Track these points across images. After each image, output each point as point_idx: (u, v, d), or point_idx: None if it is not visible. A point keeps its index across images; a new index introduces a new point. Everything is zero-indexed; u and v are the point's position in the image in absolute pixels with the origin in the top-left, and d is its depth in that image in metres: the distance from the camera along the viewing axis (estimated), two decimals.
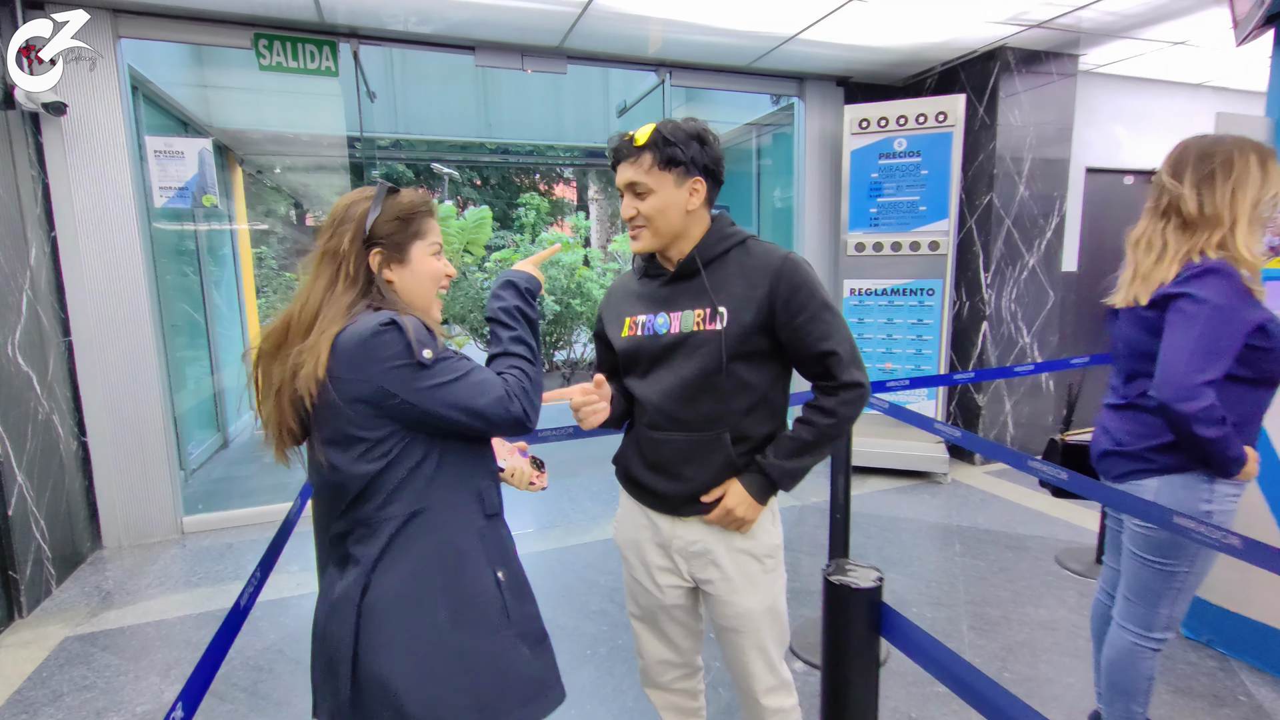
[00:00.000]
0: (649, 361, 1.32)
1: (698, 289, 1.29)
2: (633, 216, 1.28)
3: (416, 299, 1.11)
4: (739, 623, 1.32)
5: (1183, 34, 3.86)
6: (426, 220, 1.11)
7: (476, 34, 3.56)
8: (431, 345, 0.99)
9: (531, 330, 1.15)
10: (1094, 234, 4.82)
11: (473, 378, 1.02)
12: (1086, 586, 2.77)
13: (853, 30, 3.61)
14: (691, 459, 1.29)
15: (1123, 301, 1.65)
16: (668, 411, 1.29)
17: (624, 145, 1.26)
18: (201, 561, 3.20)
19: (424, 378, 0.97)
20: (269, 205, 8.68)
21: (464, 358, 1.04)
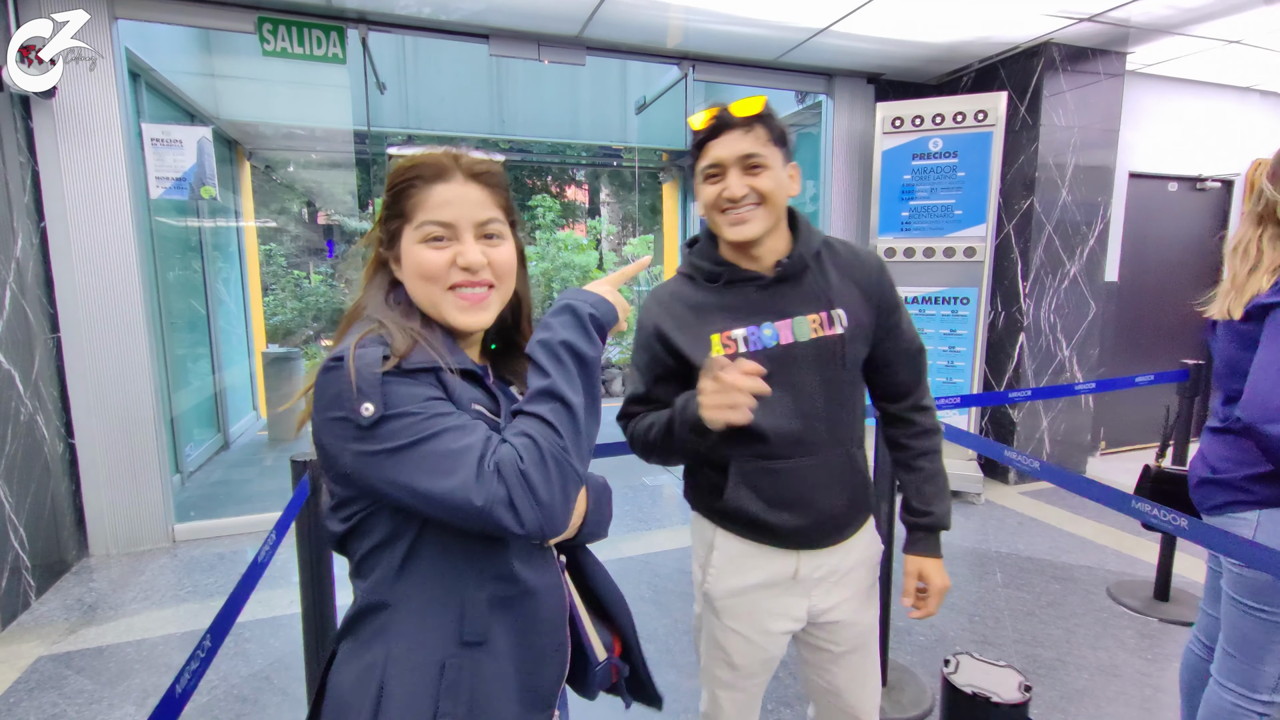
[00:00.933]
0: None
1: (810, 291, 1.13)
2: (743, 196, 1.08)
3: (421, 305, 0.81)
4: (860, 639, 1.24)
5: (1238, 31, 3.63)
6: (415, 193, 0.79)
7: (491, 21, 3.38)
8: (376, 396, 0.68)
9: (584, 376, 0.76)
10: (1135, 242, 4.58)
11: (435, 445, 0.68)
12: (1146, 626, 2.53)
13: (888, 23, 3.40)
14: (825, 484, 1.15)
15: (1218, 313, 1.48)
16: (792, 435, 1.12)
17: (729, 115, 1.08)
18: (191, 573, 3.02)
19: (363, 440, 0.69)
20: (281, 202, 8.57)
21: (440, 413, 0.70)
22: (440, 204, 0.79)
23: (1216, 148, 4.68)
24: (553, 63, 3.68)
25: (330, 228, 9.70)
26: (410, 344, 0.74)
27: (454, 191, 0.79)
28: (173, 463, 3.92)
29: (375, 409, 0.67)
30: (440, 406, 0.71)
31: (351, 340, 0.73)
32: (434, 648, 0.75)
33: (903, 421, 1.23)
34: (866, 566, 1.24)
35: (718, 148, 1.08)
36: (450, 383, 0.75)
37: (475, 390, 0.80)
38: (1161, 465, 1.78)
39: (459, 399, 0.75)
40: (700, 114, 1.11)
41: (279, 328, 7.11)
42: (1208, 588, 1.63)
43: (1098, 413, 4.48)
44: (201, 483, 4.27)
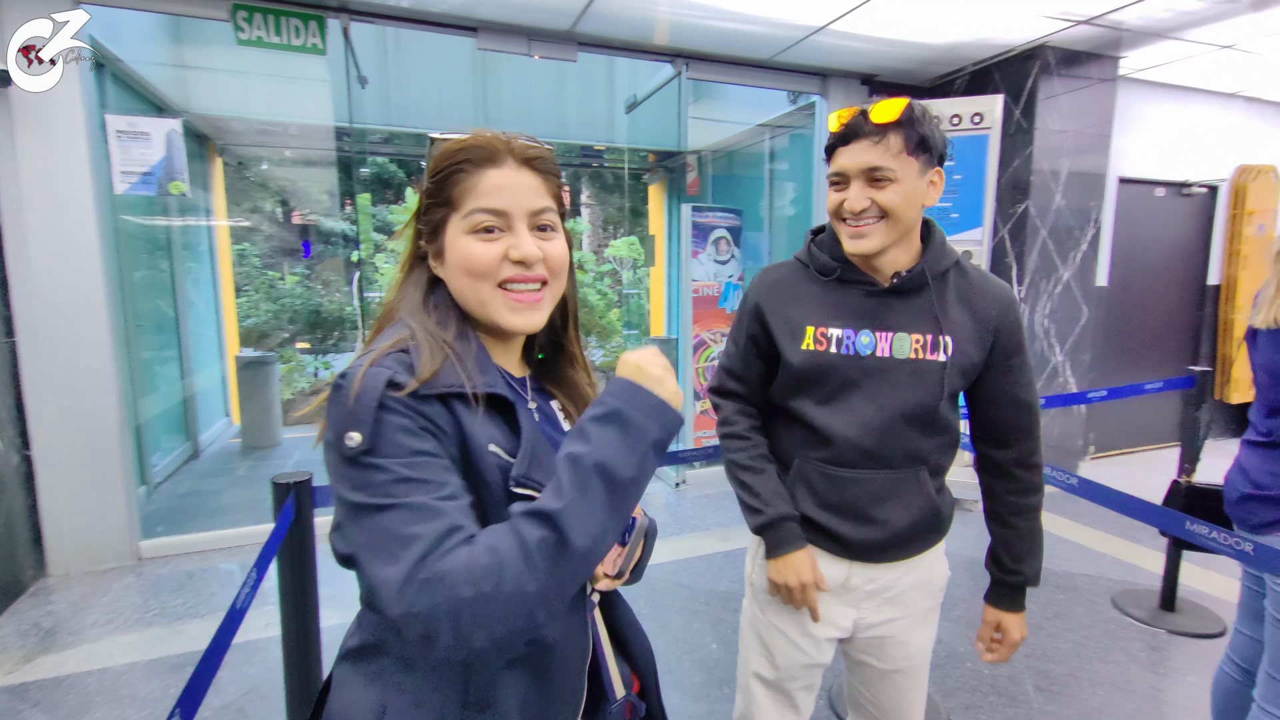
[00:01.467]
0: (841, 386, 1.10)
1: (922, 309, 1.08)
2: (863, 210, 1.03)
3: (467, 305, 0.73)
4: (909, 662, 1.20)
5: (1231, 36, 3.64)
6: (463, 178, 0.70)
7: (480, 13, 3.25)
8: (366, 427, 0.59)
9: (610, 506, 0.61)
10: (1124, 247, 4.59)
11: (385, 520, 0.57)
12: (1155, 638, 2.48)
13: (886, 22, 3.34)
14: (888, 500, 1.11)
15: (1264, 322, 1.42)
16: (864, 446, 1.09)
17: (863, 121, 1.02)
18: (158, 594, 2.84)
19: (343, 473, 0.60)
20: (253, 200, 8.31)
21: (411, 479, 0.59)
22: (492, 190, 0.70)
23: (1202, 154, 4.72)
24: (543, 58, 3.56)
25: (306, 227, 9.45)
26: (438, 364, 0.65)
27: (506, 177, 0.70)
28: (138, 473, 3.72)
29: (361, 441, 0.59)
30: (420, 469, 0.60)
31: (376, 351, 0.65)
32: (433, 708, 0.67)
33: (1002, 473, 1.16)
34: (926, 590, 1.19)
35: (844, 156, 1.05)
36: (466, 417, 0.65)
37: (496, 426, 0.69)
38: (1192, 480, 1.71)
39: (472, 437, 0.65)
40: (838, 113, 1.05)
41: (252, 330, 6.86)
42: (1244, 606, 1.57)
43: (1088, 418, 4.48)
44: (169, 494, 4.06)
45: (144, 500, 3.78)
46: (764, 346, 1.16)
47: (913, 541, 1.14)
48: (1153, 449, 4.99)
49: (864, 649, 1.21)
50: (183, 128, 3.20)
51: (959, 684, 2.20)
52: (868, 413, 1.07)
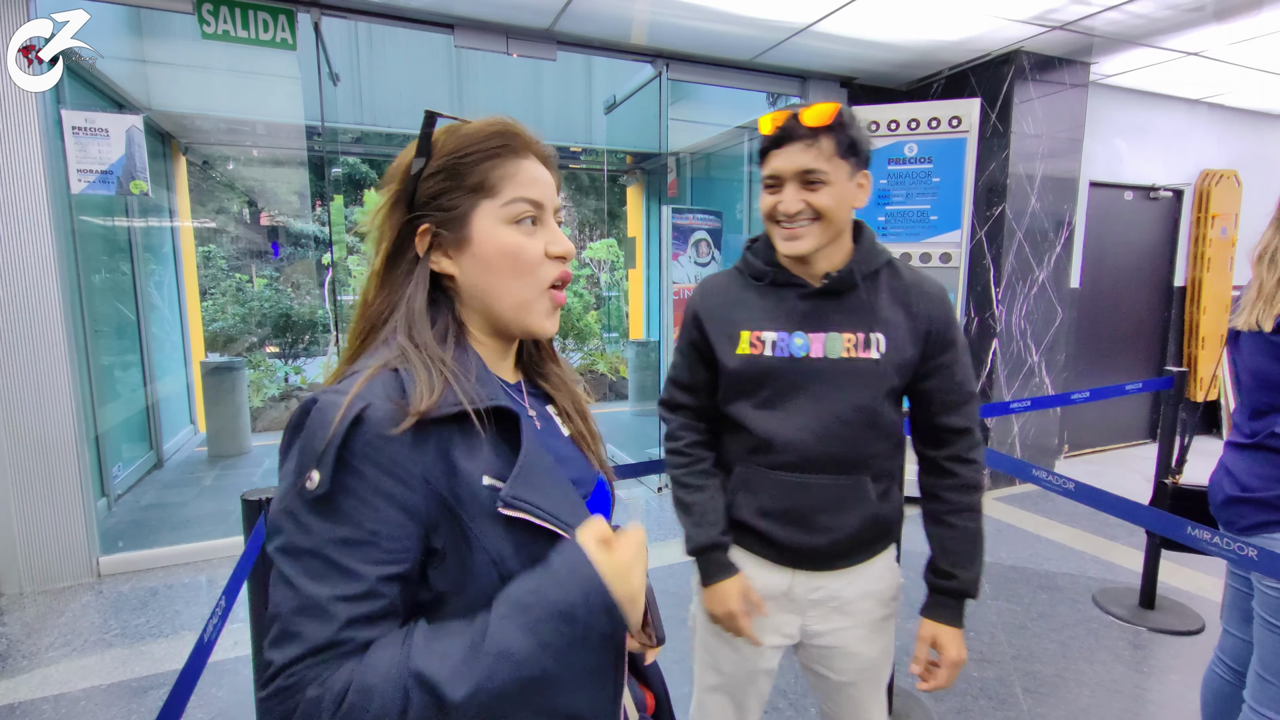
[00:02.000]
0: (780, 389, 1.09)
1: (854, 309, 1.08)
2: (797, 212, 1.03)
3: (497, 307, 0.66)
4: (863, 675, 1.18)
5: (1198, 44, 3.73)
6: (500, 164, 0.64)
7: (457, 9, 3.18)
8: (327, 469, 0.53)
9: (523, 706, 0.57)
10: (1095, 250, 4.68)
11: (309, 585, 0.53)
12: (1137, 636, 2.51)
13: (866, 25, 3.35)
14: (830, 506, 1.10)
15: (1245, 324, 1.42)
16: (806, 451, 1.08)
17: (796, 125, 1.02)
18: (119, 613, 2.70)
19: (291, 506, 0.54)
20: (219, 201, 8.07)
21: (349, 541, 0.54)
22: (530, 181, 0.66)
23: (1168, 158, 4.83)
24: (522, 57, 3.50)
25: (275, 229, 9.21)
26: (437, 393, 0.58)
27: (538, 170, 0.67)
28: (97, 486, 3.55)
29: (319, 484, 0.53)
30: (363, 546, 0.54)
31: (361, 376, 0.58)
32: None
33: (941, 470, 1.14)
34: (877, 599, 1.17)
35: (778, 159, 1.04)
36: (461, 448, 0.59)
37: (494, 448, 0.62)
38: (1178, 481, 1.71)
39: (464, 476, 0.58)
40: (768, 117, 1.05)
41: (219, 335, 6.65)
42: (1231, 607, 1.57)
43: (1063, 417, 4.54)
44: (131, 507, 3.89)
45: (104, 514, 3.61)
46: (705, 353, 1.16)
47: (856, 549, 1.13)
48: (1124, 447, 5.09)
49: (816, 659, 1.20)
50: (144, 125, 3.07)
51: (949, 688, 2.19)
52: (806, 416, 1.07)
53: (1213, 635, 2.49)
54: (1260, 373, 1.41)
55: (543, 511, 0.60)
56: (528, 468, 0.61)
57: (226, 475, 4.61)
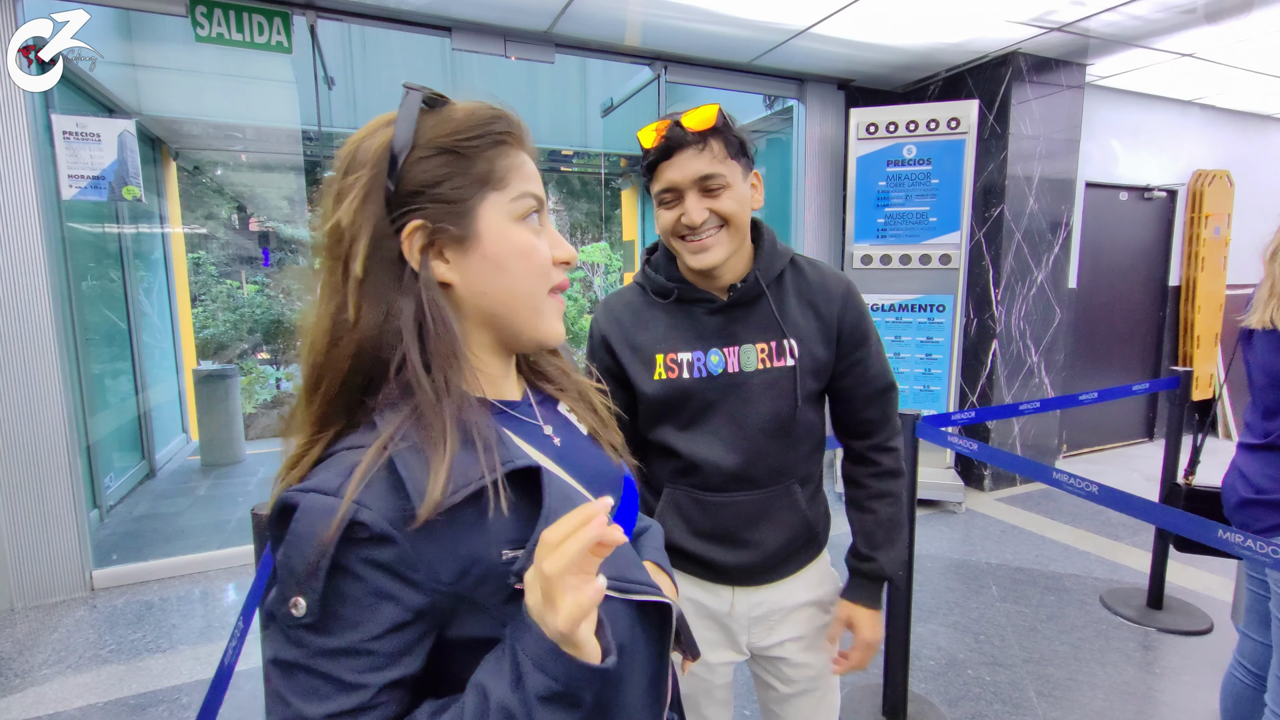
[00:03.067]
0: (701, 409, 1.05)
1: (762, 318, 1.05)
2: (703, 222, 0.97)
3: (510, 316, 0.58)
4: (814, 682, 1.16)
5: (1191, 46, 3.75)
6: (506, 152, 0.56)
7: (455, 12, 3.15)
8: (313, 595, 0.46)
9: None
10: (1091, 250, 4.70)
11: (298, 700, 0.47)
12: (1146, 637, 2.50)
13: (866, 26, 3.34)
14: (761, 520, 1.08)
15: (1258, 322, 1.42)
16: (730, 468, 1.05)
17: (682, 131, 0.95)
18: (113, 628, 2.64)
19: (277, 631, 0.49)
20: (209, 207, 7.99)
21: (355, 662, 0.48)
22: (533, 175, 0.59)
23: (1161, 159, 4.86)
24: (520, 59, 3.47)
25: (266, 234, 9.13)
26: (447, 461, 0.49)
27: (532, 164, 0.60)
28: (89, 497, 3.48)
29: (306, 613, 0.47)
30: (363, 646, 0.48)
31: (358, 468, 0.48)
32: None
33: (863, 460, 1.16)
34: (818, 606, 1.17)
35: (671, 170, 0.97)
36: (471, 531, 0.51)
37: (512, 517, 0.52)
38: (1191, 482, 1.70)
39: (478, 559, 0.51)
40: (648, 129, 0.99)
41: (210, 342, 6.57)
42: (1249, 611, 1.56)
43: (1061, 417, 4.55)
44: (124, 518, 3.82)
45: (96, 526, 3.54)
46: (620, 378, 1.08)
47: (791, 559, 1.12)
48: (1122, 446, 5.11)
49: (765, 669, 1.18)
50: (136, 129, 3.02)
51: (962, 693, 2.17)
52: (729, 432, 1.04)
53: (1221, 635, 2.49)
54: (1273, 371, 1.41)
55: None
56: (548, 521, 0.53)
57: (220, 484, 4.54)
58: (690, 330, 1.05)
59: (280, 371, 7.20)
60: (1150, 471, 4.49)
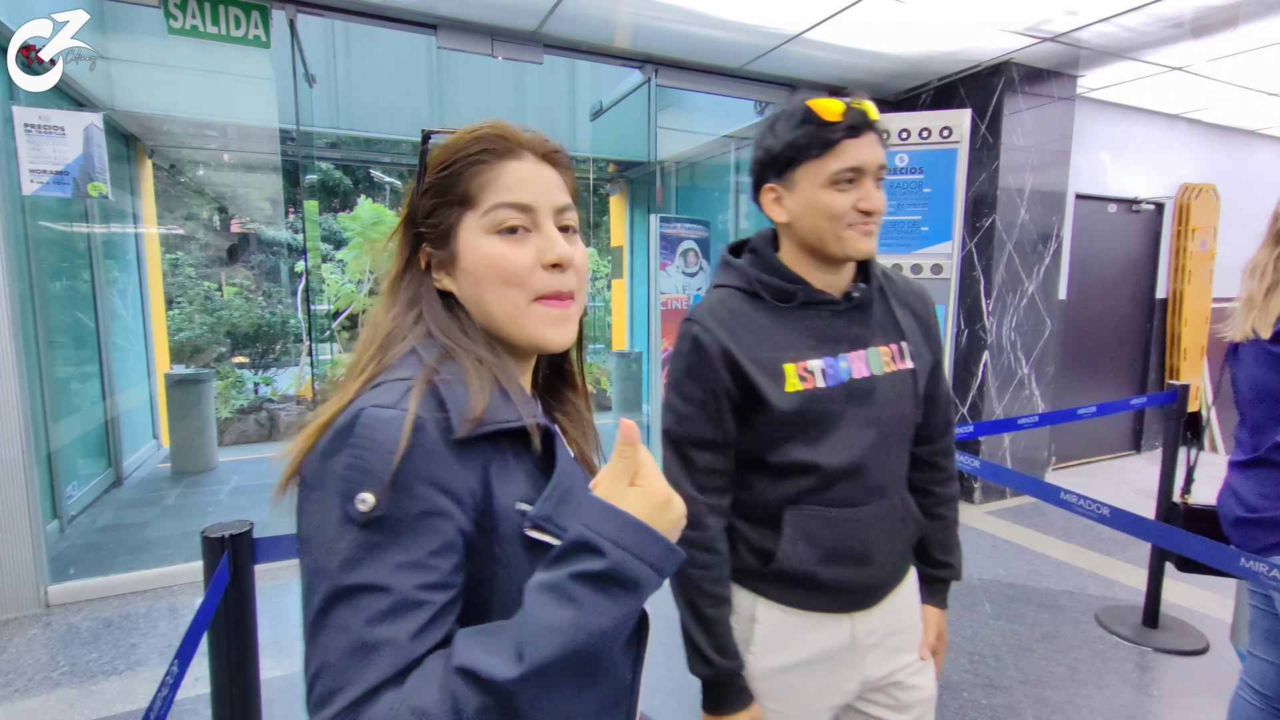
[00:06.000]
0: (834, 419, 0.97)
1: (881, 320, 1.02)
2: (880, 209, 0.95)
3: (494, 322, 0.61)
4: (923, 706, 1.10)
5: (1181, 59, 3.76)
6: (483, 170, 0.60)
7: (441, 9, 3.06)
8: (380, 487, 0.48)
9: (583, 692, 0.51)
10: (1081, 262, 4.69)
11: (353, 619, 0.47)
12: (1143, 657, 2.45)
13: (859, 32, 3.30)
14: (884, 532, 1.02)
15: (1240, 333, 1.40)
16: (861, 478, 0.98)
17: (865, 116, 0.93)
18: (68, 648, 2.49)
19: (335, 534, 0.49)
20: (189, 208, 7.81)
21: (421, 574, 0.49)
22: (516, 183, 0.60)
23: (1149, 172, 4.88)
24: (507, 59, 3.39)
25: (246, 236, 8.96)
26: (488, 394, 0.55)
27: (529, 170, 0.61)
28: (48, 507, 3.33)
29: (375, 507, 0.49)
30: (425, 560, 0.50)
31: (413, 384, 0.53)
32: None
33: (931, 466, 1.15)
34: (917, 618, 1.13)
35: (860, 150, 0.93)
36: (498, 467, 0.55)
37: (526, 470, 0.58)
38: (1188, 500, 1.66)
39: (498, 499, 0.55)
40: (829, 101, 0.93)
41: (185, 345, 6.39)
42: (1255, 629, 1.51)
43: (1051, 429, 4.53)
44: (86, 529, 3.65)
45: (55, 537, 3.38)
46: (740, 399, 0.97)
47: (899, 570, 1.08)
48: (1110, 459, 5.10)
49: (874, 702, 1.10)
50: (105, 124, 2.89)
51: (959, 717, 2.10)
52: (861, 441, 0.98)
53: (1218, 655, 2.44)
54: (1258, 384, 1.39)
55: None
56: (561, 488, 0.58)
57: (191, 493, 4.38)
58: (815, 335, 0.98)
59: (259, 376, 7.02)
60: (1139, 485, 4.47)
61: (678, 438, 0.98)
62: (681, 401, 0.98)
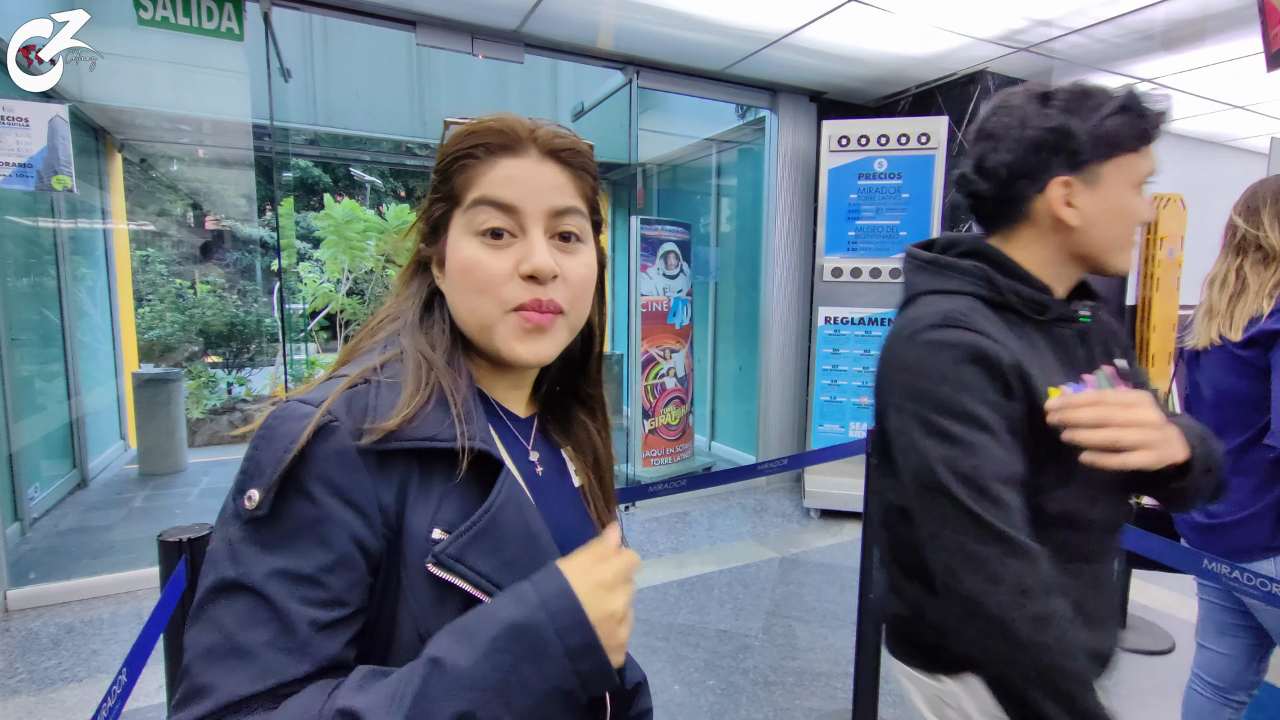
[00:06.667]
0: (1075, 453, 0.75)
1: (1103, 337, 0.91)
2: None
3: (465, 328, 0.58)
4: None
5: (1152, 72, 3.84)
6: (473, 166, 0.56)
7: (420, 5, 3.03)
8: (268, 488, 0.46)
9: None
10: None
11: (231, 624, 0.44)
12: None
13: (841, 37, 3.33)
14: (1114, 589, 0.90)
15: (1204, 340, 1.44)
16: (1115, 525, 0.86)
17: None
18: (25, 654, 2.42)
19: (225, 536, 0.47)
20: (160, 203, 7.65)
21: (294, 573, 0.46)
22: (503, 180, 0.55)
23: None
24: (488, 58, 3.36)
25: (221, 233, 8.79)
26: (416, 407, 0.51)
27: (523, 167, 0.56)
28: (9, 509, 3.23)
29: (259, 505, 0.46)
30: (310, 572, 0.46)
31: (333, 383, 0.52)
32: None
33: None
34: None
35: (1152, 159, 0.84)
36: (416, 489, 0.51)
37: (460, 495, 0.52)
38: (1140, 501, 1.71)
39: (411, 526, 0.50)
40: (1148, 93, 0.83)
41: (156, 344, 6.25)
42: (1205, 621, 1.56)
43: None
44: (48, 532, 3.55)
45: (16, 540, 3.28)
46: (1027, 425, 0.79)
47: None
48: None
49: None
50: (71, 116, 2.82)
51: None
52: (1105, 480, 0.80)
53: (1183, 654, 2.49)
54: (1222, 389, 1.43)
55: (481, 578, 0.50)
56: (488, 525, 0.52)
57: (159, 495, 4.28)
58: (1058, 355, 0.85)
59: (233, 376, 6.89)
60: None
61: (972, 475, 0.74)
62: (966, 428, 0.75)
